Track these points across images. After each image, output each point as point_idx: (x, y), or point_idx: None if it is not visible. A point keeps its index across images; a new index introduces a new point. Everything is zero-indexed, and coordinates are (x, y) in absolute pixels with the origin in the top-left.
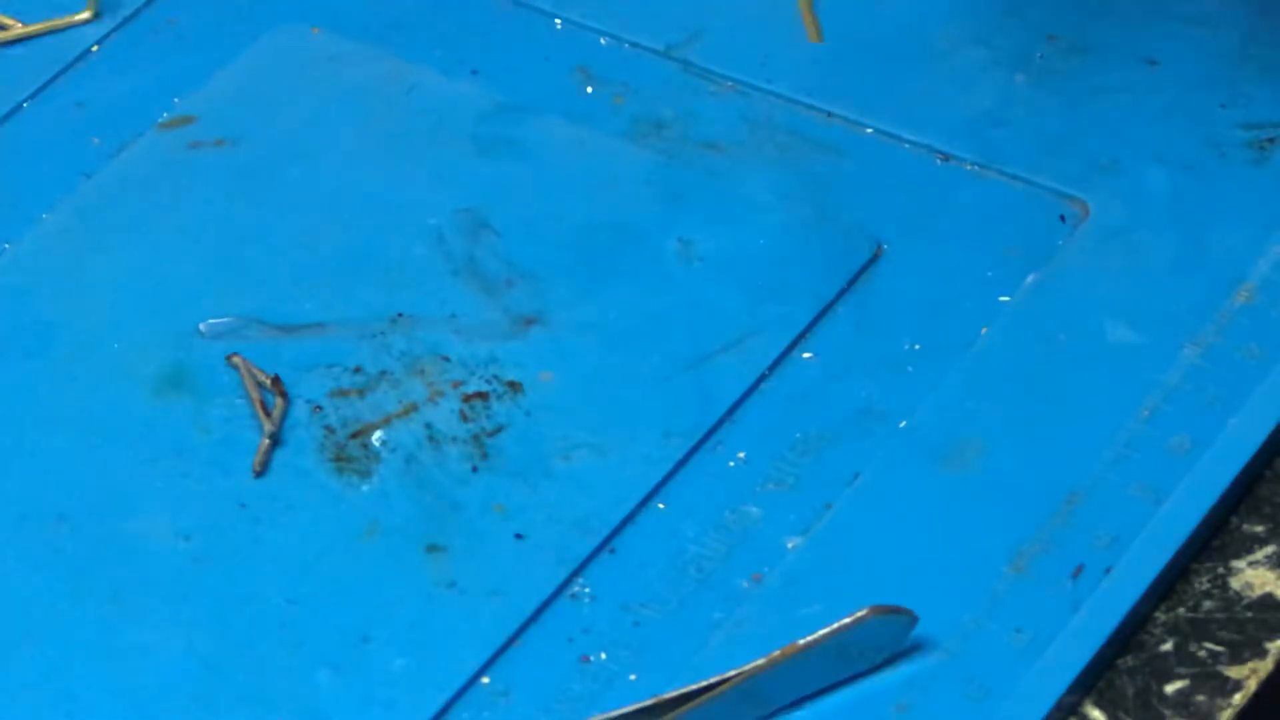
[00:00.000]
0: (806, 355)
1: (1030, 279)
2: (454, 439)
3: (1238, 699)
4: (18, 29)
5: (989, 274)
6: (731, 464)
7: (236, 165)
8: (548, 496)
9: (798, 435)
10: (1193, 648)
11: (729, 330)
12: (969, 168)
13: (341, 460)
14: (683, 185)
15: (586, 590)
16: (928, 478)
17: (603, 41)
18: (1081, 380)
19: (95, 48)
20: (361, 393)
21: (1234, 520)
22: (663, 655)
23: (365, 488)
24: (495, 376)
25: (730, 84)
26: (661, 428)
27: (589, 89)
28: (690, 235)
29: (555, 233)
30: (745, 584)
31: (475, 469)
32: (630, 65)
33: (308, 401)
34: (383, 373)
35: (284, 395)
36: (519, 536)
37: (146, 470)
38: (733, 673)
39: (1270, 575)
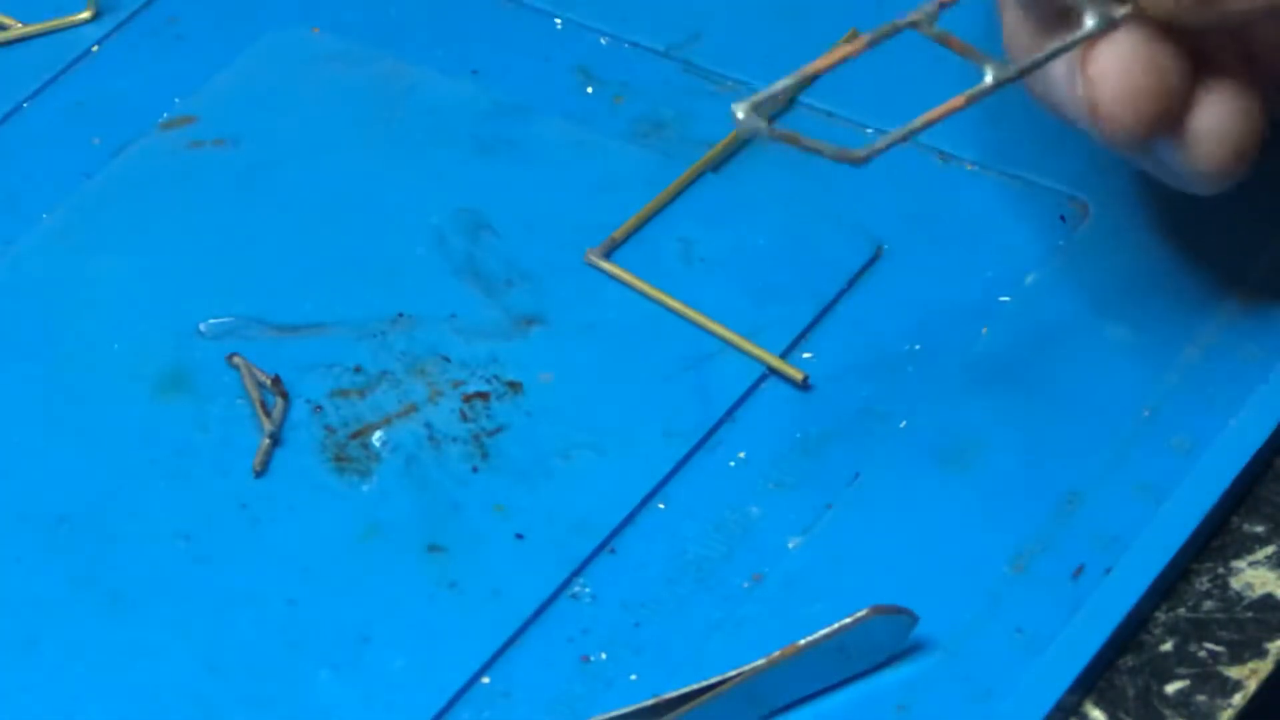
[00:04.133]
0: (806, 355)
1: (1030, 279)
2: (454, 439)
3: (1238, 699)
4: (18, 29)
5: (989, 274)
6: (731, 464)
7: (236, 165)
8: (548, 496)
9: (798, 435)
10: (1193, 648)
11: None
12: (969, 168)
13: (341, 460)
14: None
15: (586, 590)
16: (928, 478)
17: (603, 41)
18: (1081, 380)
19: (95, 48)
20: (362, 393)
21: (1234, 520)
22: (663, 655)
23: (365, 488)
24: (495, 376)
25: (730, 84)
26: (661, 428)
27: (589, 89)
28: (690, 235)
29: (555, 233)
30: (745, 584)
31: (475, 469)
32: (630, 65)
33: (308, 401)
34: (383, 373)
35: (284, 395)
36: (519, 536)
37: (146, 470)
38: (733, 673)
39: (1270, 575)
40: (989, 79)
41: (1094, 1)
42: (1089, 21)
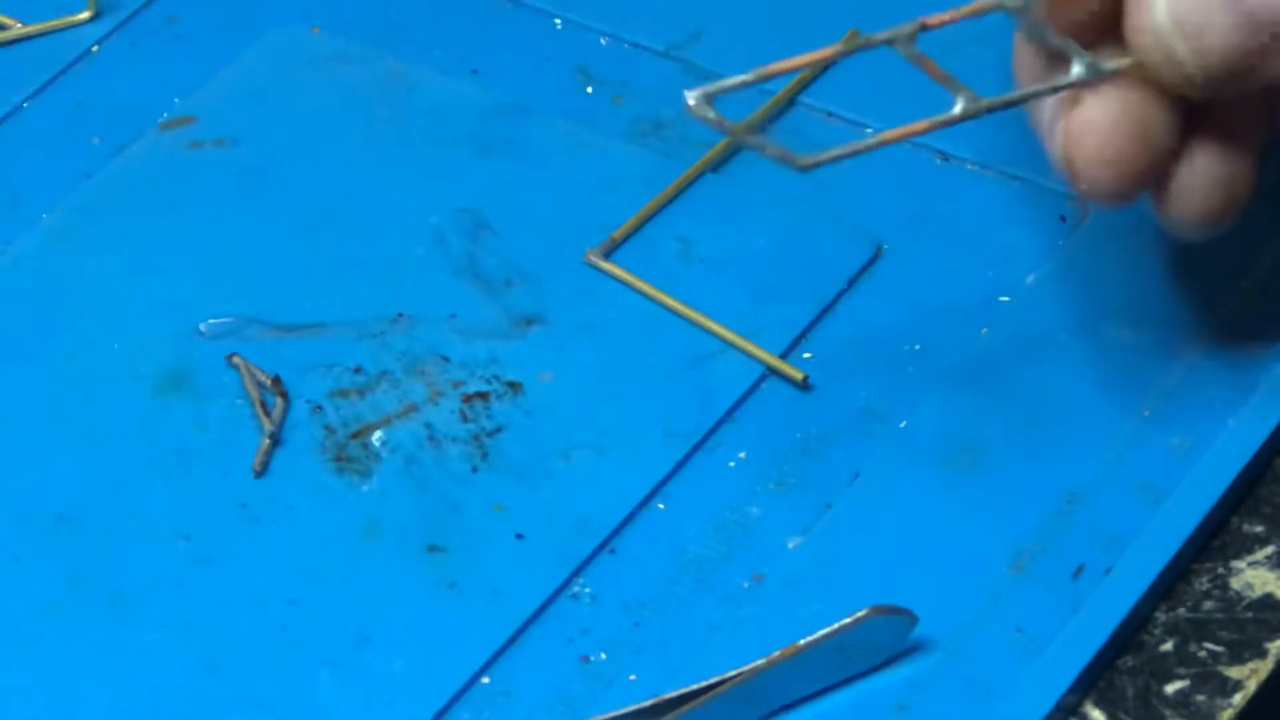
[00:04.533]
0: (806, 355)
1: (1030, 279)
2: (454, 439)
3: (1238, 699)
4: (18, 29)
5: (989, 274)
6: (731, 464)
7: (236, 165)
8: (548, 496)
9: (798, 435)
10: (1193, 648)
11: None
12: (969, 168)
13: (341, 460)
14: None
15: (586, 590)
16: (928, 478)
17: (603, 41)
18: (1081, 380)
19: (95, 48)
20: (361, 393)
21: (1234, 520)
22: (663, 655)
23: (365, 488)
24: (495, 376)
25: None
26: (661, 428)
27: (589, 89)
28: (690, 235)
29: (555, 233)
30: (745, 584)
31: (475, 469)
32: (630, 65)
33: (308, 401)
34: (383, 373)
35: (284, 395)
36: (519, 536)
37: (146, 470)
38: (733, 673)
39: (1270, 575)
40: (957, 109)
41: (1082, 50)
42: (1075, 69)
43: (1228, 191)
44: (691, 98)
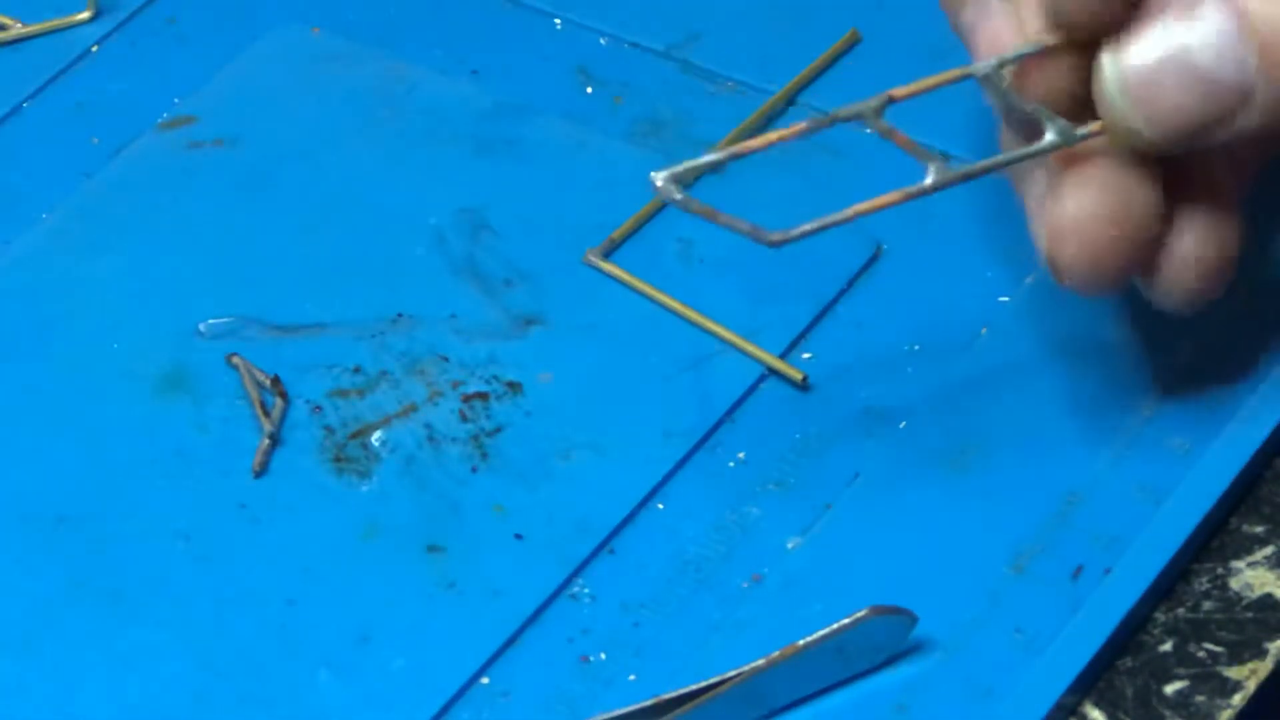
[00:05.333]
0: (806, 355)
1: (1030, 279)
2: (454, 439)
3: (1237, 699)
4: (18, 29)
5: (989, 274)
6: (731, 464)
7: (236, 165)
8: (548, 496)
9: (798, 435)
10: (1192, 648)
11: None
12: None
13: (341, 460)
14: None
15: (586, 590)
16: (928, 478)
17: (603, 41)
18: (1081, 380)
19: (95, 48)
20: (361, 393)
21: (1234, 520)
22: (663, 655)
23: (365, 488)
24: (495, 377)
25: (730, 84)
26: (661, 428)
27: (589, 89)
28: (690, 235)
29: (555, 233)
30: (745, 584)
31: (475, 469)
32: (630, 65)
33: (307, 401)
34: (382, 373)
35: (284, 395)
36: (519, 536)
37: (146, 470)
38: (733, 673)
39: (1270, 575)
40: (929, 180)
41: (1054, 116)
42: (1049, 136)
43: (1216, 262)
44: (659, 179)
